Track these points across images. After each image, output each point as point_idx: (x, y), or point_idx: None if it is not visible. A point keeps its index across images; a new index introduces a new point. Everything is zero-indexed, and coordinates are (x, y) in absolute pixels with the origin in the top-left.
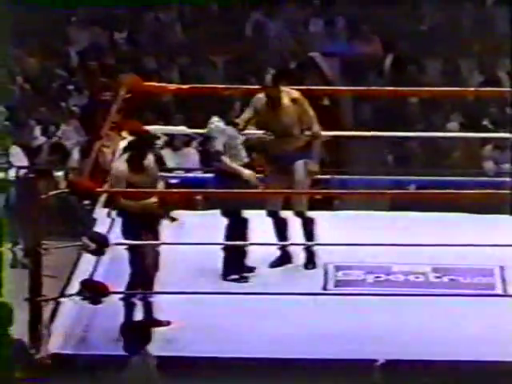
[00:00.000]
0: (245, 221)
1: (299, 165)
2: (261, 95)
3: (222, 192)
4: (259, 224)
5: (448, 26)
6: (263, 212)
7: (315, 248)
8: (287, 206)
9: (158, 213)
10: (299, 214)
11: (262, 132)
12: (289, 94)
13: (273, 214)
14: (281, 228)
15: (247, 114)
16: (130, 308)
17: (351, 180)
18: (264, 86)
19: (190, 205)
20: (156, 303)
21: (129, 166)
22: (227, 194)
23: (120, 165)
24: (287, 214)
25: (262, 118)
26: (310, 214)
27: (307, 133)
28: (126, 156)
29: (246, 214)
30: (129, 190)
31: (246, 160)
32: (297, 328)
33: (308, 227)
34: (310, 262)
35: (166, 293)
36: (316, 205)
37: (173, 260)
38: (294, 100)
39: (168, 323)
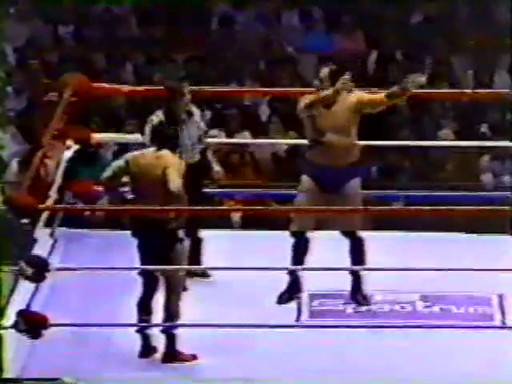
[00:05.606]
0: (199, 241)
1: (352, 187)
2: None
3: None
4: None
5: (442, 19)
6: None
7: (364, 273)
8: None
9: None
10: (349, 234)
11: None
12: None
13: (299, 236)
14: (303, 252)
15: None
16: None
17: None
18: None
19: None
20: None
21: None
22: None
23: None
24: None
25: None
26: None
27: None
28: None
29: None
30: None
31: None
32: (266, 365)
33: (358, 250)
34: (360, 295)
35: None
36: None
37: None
38: None
39: (194, 357)
